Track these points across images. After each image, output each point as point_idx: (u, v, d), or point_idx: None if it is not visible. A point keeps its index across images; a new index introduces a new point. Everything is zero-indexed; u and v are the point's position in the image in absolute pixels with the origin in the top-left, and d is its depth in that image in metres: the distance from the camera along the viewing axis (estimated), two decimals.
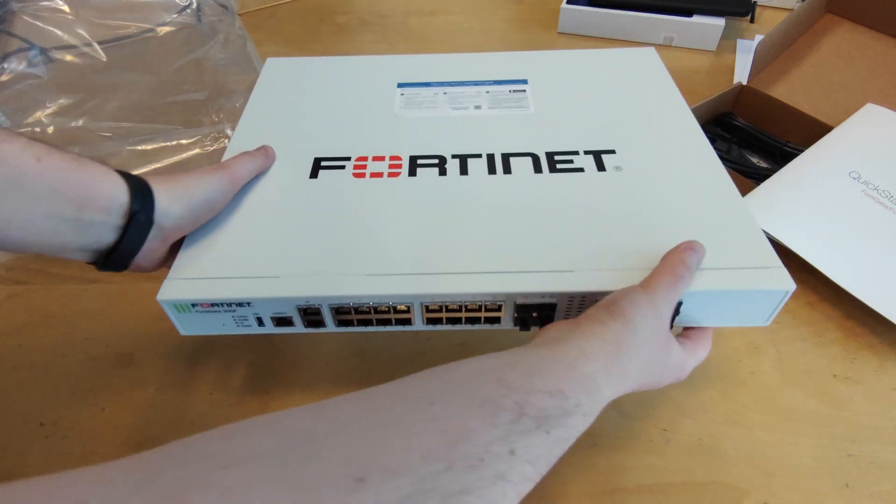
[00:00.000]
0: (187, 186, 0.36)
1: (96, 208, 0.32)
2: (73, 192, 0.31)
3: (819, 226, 0.50)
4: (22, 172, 0.29)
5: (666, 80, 0.52)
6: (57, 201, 0.30)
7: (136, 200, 0.33)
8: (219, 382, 0.46)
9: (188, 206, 0.36)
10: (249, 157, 0.42)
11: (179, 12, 0.67)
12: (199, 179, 0.37)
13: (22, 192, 0.29)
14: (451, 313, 0.36)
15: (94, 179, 0.32)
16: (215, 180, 0.38)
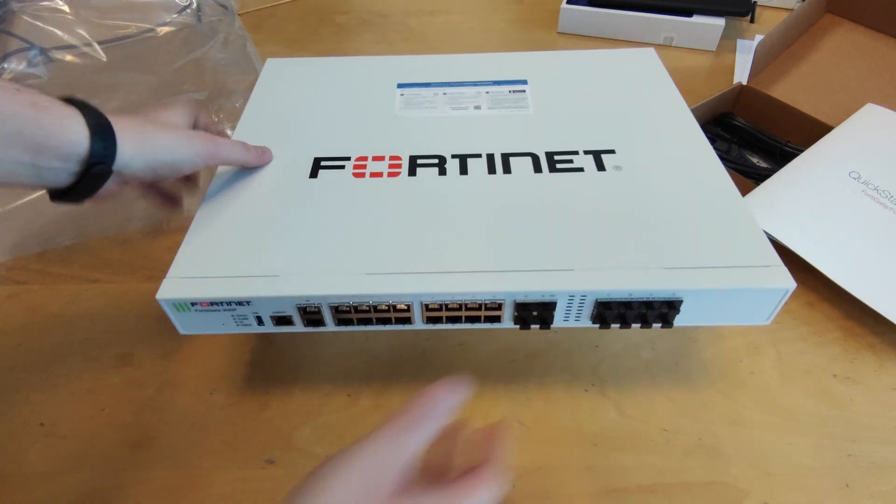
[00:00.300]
0: (156, 142, 0.35)
1: (54, 155, 0.31)
2: (31, 138, 0.30)
3: (819, 226, 0.50)
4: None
5: (665, 81, 0.52)
6: (13, 146, 0.30)
7: (96, 149, 0.32)
8: (219, 382, 0.46)
9: (151, 164, 0.35)
10: (241, 147, 0.42)
11: (179, 12, 0.67)
12: (174, 139, 0.36)
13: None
14: (451, 312, 0.36)
15: (55, 125, 0.31)
16: (190, 148, 0.37)
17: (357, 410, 0.44)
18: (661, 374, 0.45)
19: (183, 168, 0.37)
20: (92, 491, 0.40)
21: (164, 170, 0.36)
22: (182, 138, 0.36)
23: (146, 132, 0.35)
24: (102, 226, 0.57)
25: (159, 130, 0.36)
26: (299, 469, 0.41)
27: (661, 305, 0.35)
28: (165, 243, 0.57)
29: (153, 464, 0.41)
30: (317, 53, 0.86)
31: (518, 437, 0.42)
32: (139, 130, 0.35)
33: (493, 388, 0.45)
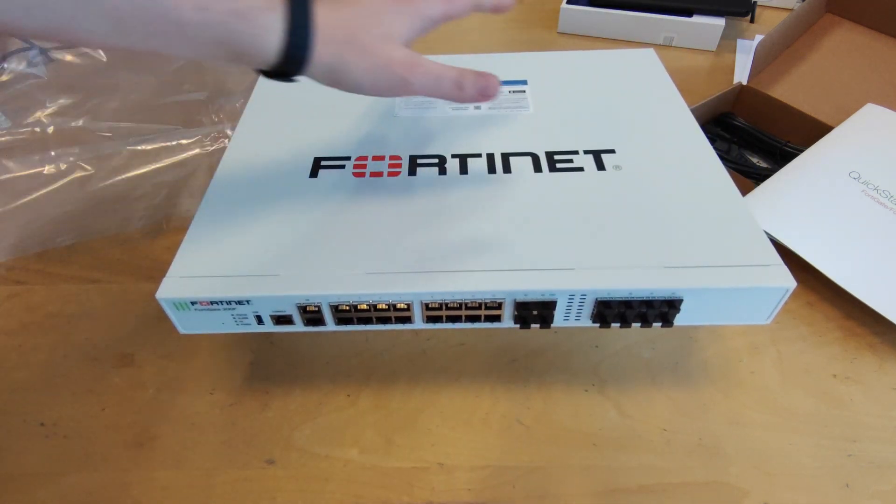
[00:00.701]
0: (346, 73, 0.32)
1: (247, 62, 0.31)
2: (229, 48, 0.29)
3: (819, 226, 0.50)
4: (183, 22, 0.27)
5: (665, 81, 0.52)
6: (212, 50, 0.29)
7: (285, 68, 0.31)
8: (219, 382, 0.46)
9: (334, 86, 0.33)
10: (442, 80, 0.36)
11: None
12: (366, 72, 0.32)
13: (180, 36, 0.28)
14: (451, 311, 0.36)
15: (254, 40, 0.29)
16: (380, 82, 0.33)
17: (357, 410, 0.44)
18: (661, 373, 0.45)
19: (364, 93, 0.34)
20: (92, 491, 0.40)
21: (343, 88, 0.34)
22: (375, 69, 0.33)
23: (343, 54, 0.32)
24: (102, 226, 0.57)
25: (358, 53, 0.32)
26: (299, 469, 0.41)
27: (662, 304, 0.35)
28: (165, 243, 0.57)
29: (153, 464, 0.41)
30: None
31: (518, 437, 0.42)
32: (337, 48, 0.32)
33: (493, 388, 0.45)
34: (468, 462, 0.41)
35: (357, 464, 0.41)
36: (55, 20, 0.25)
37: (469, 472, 0.40)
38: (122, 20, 0.26)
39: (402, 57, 0.33)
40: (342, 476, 0.40)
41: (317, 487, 0.40)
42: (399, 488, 0.40)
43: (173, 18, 0.27)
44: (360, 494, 0.39)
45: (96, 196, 0.57)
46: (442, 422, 0.43)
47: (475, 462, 0.41)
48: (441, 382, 0.45)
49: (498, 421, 0.43)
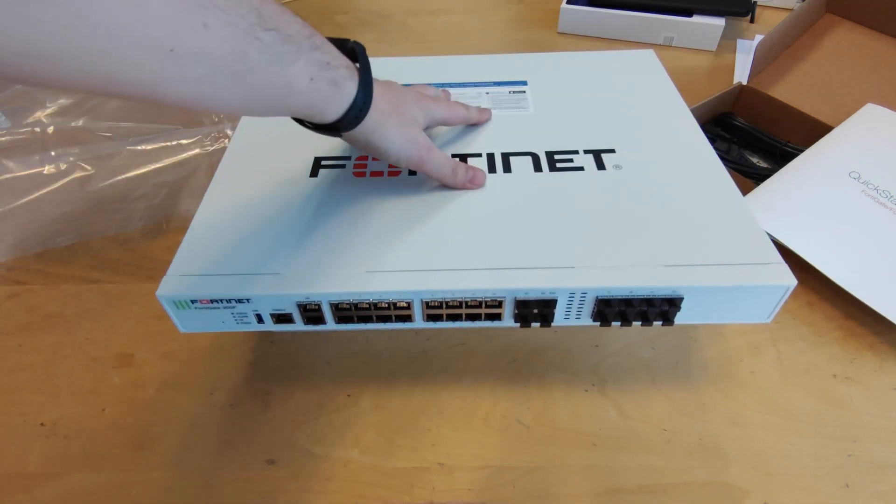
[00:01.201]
0: (384, 137, 0.37)
1: (319, 119, 0.34)
2: (315, 108, 0.33)
3: (819, 226, 0.50)
4: (297, 92, 0.30)
5: (665, 81, 0.52)
6: (301, 110, 0.32)
7: (341, 126, 0.34)
8: (219, 382, 0.46)
9: (367, 146, 0.37)
10: (449, 167, 0.41)
11: None
12: (397, 141, 0.38)
13: (284, 102, 0.31)
14: (452, 310, 0.36)
15: (331, 105, 0.33)
16: (404, 151, 0.38)
17: (358, 410, 0.44)
18: (661, 373, 0.45)
19: (389, 161, 0.39)
20: (92, 491, 0.40)
21: (373, 153, 0.38)
22: (405, 141, 0.38)
23: (385, 124, 0.37)
24: (102, 226, 0.57)
25: (395, 126, 0.38)
26: (300, 469, 0.41)
27: (662, 303, 0.35)
28: (165, 243, 0.57)
29: (154, 464, 0.41)
30: None
31: (518, 437, 0.42)
32: (382, 119, 0.36)
33: (493, 388, 0.45)
34: (469, 462, 0.41)
35: (358, 464, 0.41)
36: (204, 91, 0.27)
37: (469, 472, 0.40)
38: (254, 92, 0.29)
39: (424, 140, 0.39)
40: (343, 476, 0.40)
41: (317, 487, 0.40)
42: (400, 488, 0.40)
43: (293, 89, 0.30)
44: (361, 494, 0.39)
45: (96, 196, 0.57)
46: (442, 422, 0.43)
47: (476, 462, 0.41)
48: (442, 382, 0.45)
49: (498, 421, 0.43)
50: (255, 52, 0.27)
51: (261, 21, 0.27)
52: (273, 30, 0.28)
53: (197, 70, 0.25)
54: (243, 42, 0.26)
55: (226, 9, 0.25)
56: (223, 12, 0.25)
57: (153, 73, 0.24)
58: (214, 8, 0.25)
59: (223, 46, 0.26)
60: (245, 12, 0.26)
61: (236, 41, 0.26)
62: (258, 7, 0.27)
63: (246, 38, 0.27)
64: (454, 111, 0.46)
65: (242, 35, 0.26)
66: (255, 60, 0.27)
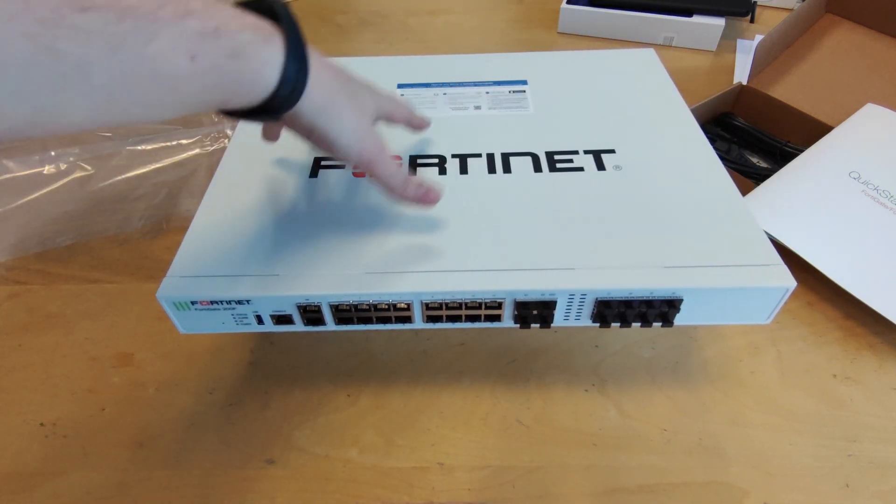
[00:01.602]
0: (334, 118, 0.31)
1: (238, 103, 0.28)
2: (224, 92, 0.27)
3: (819, 226, 0.50)
4: (176, 77, 0.24)
5: (665, 81, 0.52)
6: (204, 98, 0.26)
7: (277, 102, 0.28)
8: (219, 382, 0.46)
9: (314, 130, 0.32)
10: (399, 178, 0.36)
11: None
12: (350, 127, 0.32)
13: (172, 94, 0.25)
14: (451, 311, 0.36)
15: (252, 76, 0.27)
16: (357, 145, 0.33)
17: (357, 410, 0.44)
18: (661, 373, 0.45)
19: (335, 151, 0.33)
20: (92, 491, 0.40)
21: (320, 142, 0.33)
22: (358, 131, 0.33)
23: (334, 101, 0.31)
24: (102, 226, 0.57)
25: (348, 107, 0.32)
26: (299, 469, 0.41)
27: (662, 304, 0.35)
28: (165, 243, 0.57)
29: (153, 464, 0.41)
30: None
31: (518, 437, 0.42)
32: (329, 95, 0.31)
33: (493, 388, 0.45)
34: (468, 462, 0.41)
35: (357, 464, 0.41)
36: (30, 112, 0.21)
37: (469, 472, 0.40)
38: (109, 93, 0.23)
39: (378, 136, 0.34)
40: (342, 476, 0.40)
41: (317, 487, 0.40)
42: (399, 488, 0.40)
43: (165, 75, 0.24)
44: (360, 494, 0.39)
45: (96, 196, 0.57)
46: (442, 422, 0.43)
47: (475, 462, 0.41)
48: (441, 382, 0.45)
49: (498, 421, 0.43)
50: (71, 44, 0.21)
51: (71, 1, 0.21)
52: (95, 8, 0.21)
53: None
54: (44, 37, 0.20)
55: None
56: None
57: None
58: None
59: (10, 52, 0.20)
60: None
61: (28, 39, 0.20)
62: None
63: (47, 31, 0.20)
64: (401, 108, 0.41)
65: (37, 27, 0.20)
66: (78, 55, 0.21)
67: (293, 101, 0.29)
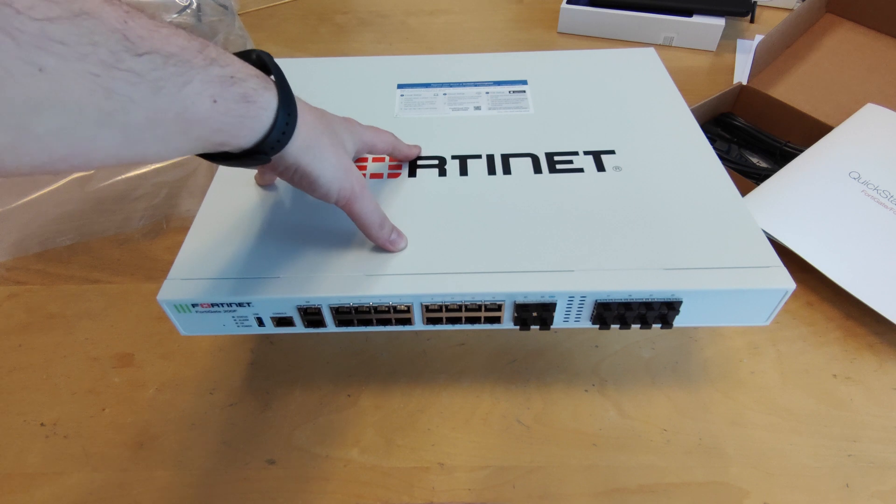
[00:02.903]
0: (316, 162, 0.32)
1: (237, 144, 0.29)
2: (228, 134, 0.28)
3: (819, 226, 0.50)
4: (196, 119, 0.25)
5: (666, 81, 0.52)
6: (211, 138, 0.27)
7: (267, 146, 0.29)
8: (219, 382, 0.46)
9: (296, 173, 0.32)
10: (377, 219, 0.36)
11: (179, 12, 0.67)
12: (330, 168, 0.33)
13: (188, 133, 0.26)
14: (451, 313, 0.36)
15: (248, 123, 0.28)
16: (335, 184, 0.34)
17: (357, 410, 0.44)
18: (661, 373, 0.45)
19: (316, 189, 0.34)
20: (92, 491, 0.40)
21: (303, 180, 0.33)
22: (340, 168, 0.34)
23: (318, 143, 0.32)
24: (102, 226, 0.57)
25: (329, 147, 0.33)
26: (300, 469, 0.41)
27: (661, 306, 0.35)
28: (165, 243, 0.57)
29: (154, 464, 0.41)
30: (317, 53, 0.86)
31: (518, 437, 0.42)
32: (314, 137, 0.32)
33: (493, 388, 0.45)
34: (468, 462, 0.41)
35: (357, 464, 0.41)
36: (64, 148, 0.22)
37: (469, 472, 0.40)
38: (139, 132, 0.24)
39: (358, 174, 0.35)
40: (342, 476, 0.40)
41: (317, 487, 0.40)
42: (399, 488, 0.40)
43: (189, 117, 0.25)
44: (361, 494, 0.39)
45: (96, 196, 0.57)
46: (442, 422, 0.43)
47: (475, 462, 0.41)
48: (441, 382, 0.45)
49: (498, 421, 0.43)
50: (124, 85, 0.22)
51: (128, 46, 0.22)
52: (148, 53, 0.23)
53: (44, 125, 0.20)
54: (103, 78, 0.21)
55: (69, 42, 0.20)
56: (65, 47, 0.20)
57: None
58: (53, 43, 0.20)
59: (73, 90, 0.21)
60: (101, 39, 0.21)
61: (91, 79, 0.21)
62: (122, 29, 0.22)
63: (107, 72, 0.21)
64: (382, 136, 0.42)
65: (100, 69, 0.21)
66: (126, 96, 0.22)
67: (284, 142, 0.30)
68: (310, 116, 0.32)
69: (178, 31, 0.25)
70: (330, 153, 0.33)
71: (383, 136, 0.42)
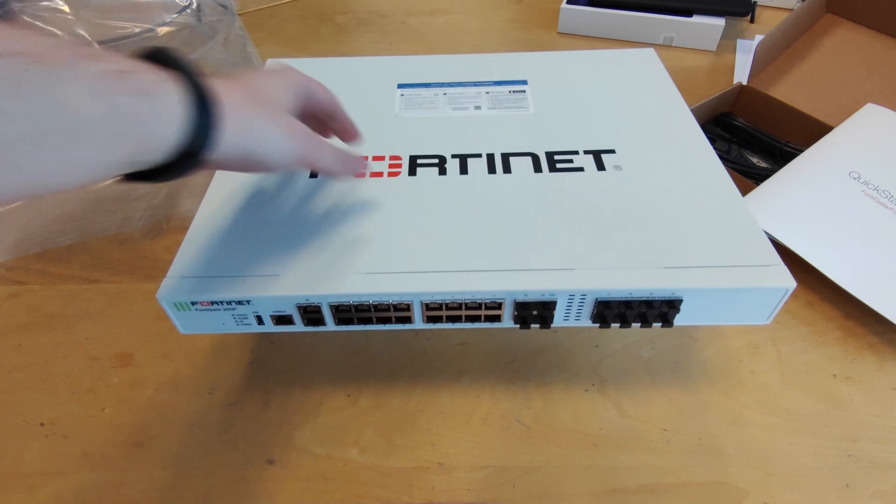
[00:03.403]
0: (258, 135, 0.30)
1: (149, 153, 0.26)
2: (139, 139, 0.25)
3: (819, 226, 0.50)
4: (87, 121, 0.23)
5: (665, 81, 0.52)
6: (118, 148, 0.24)
7: (194, 143, 0.27)
8: (218, 382, 0.46)
9: (243, 157, 0.30)
10: (340, 158, 0.35)
11: (179, 12, 0.67)
12: (276, 134, 0.31)
13: (84, 144, 0.23)
14: (451, 311, 0.36)
15: (158, 118, 0.25)
16: (288, 146, 0.31)
17: (357, 410, 0.44)
18: (661, 373, 0.45)
19: (272, 168, 0.32)
20: (91, 491, 0.40)
21: (253, 166, 0.31)
22: (285, 134, 0.31)
23: (253, 120, 0.30)
24: (102, 226, 0.57)
25: (265, 118, 0.30)
26: (299, 469, 0.41)
27: (661, 305, 0.35)
28: (165, 243, 0.57)
29: (153, 464, 0.41)
30: (317, 53, 0.86)
31: (518, 436, 0.42)
32: (246, 117, 0.29)
33: (493, 388, 0.45)
34: (468, 462, 0.41)
35: (357, 464, 0.41)
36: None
37: (469, 472, 0.40)
38: (19, 147, 0.21)
39: (302, 126, 0.32)
40: (342, 476, 0.40)
41: (317, 487, 0.40)
42: (399, 488, 0.40)
43: (79, 124, 0.22)
44: (360, 494, 0.39)
45: (96, 196, 0.57)
46: (442, 422, 0.43)
47: (475, 462, 0.41)
48: (441, 382, 0.45)
49: (498, 421, 0.43)
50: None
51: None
52: (11, 54, 0.20)
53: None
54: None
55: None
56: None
57: None
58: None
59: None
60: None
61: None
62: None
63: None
64: (321, 88, 0.37)
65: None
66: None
67: (211, 135, 0.27)
68: (236, 96, 0.29)
69: (48, 36, 0.23)
70: (271, 126, 0.30)
71: (321, 87, 0.38)
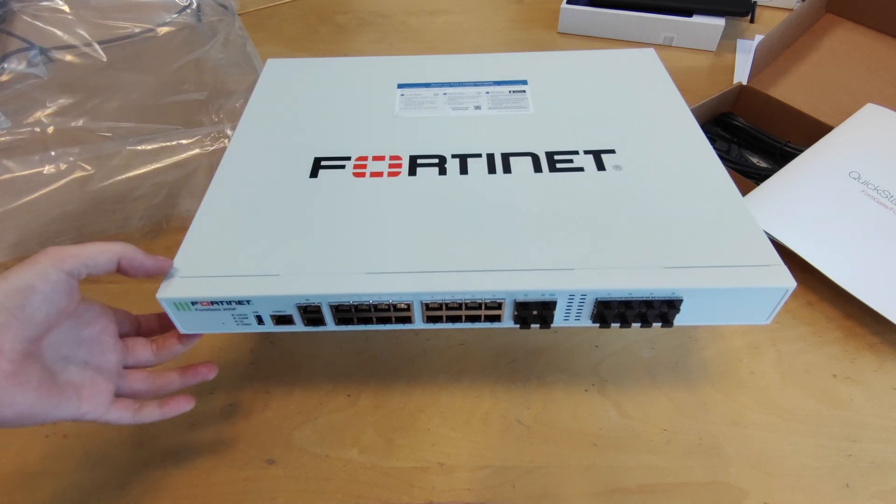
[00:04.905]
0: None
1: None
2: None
3: (819, 226, 0.50)
4: None
5: (665, 81, 0.52)
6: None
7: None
8: (219, 382, 0.46)
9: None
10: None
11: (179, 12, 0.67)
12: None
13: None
14: (451, 312, 0.36)
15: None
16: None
17: (357, 410, 0.44)
18: (661, 373, 0.45)
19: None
20: (91, 491, 0.40)
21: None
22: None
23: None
24: (102, 226, 0.57)
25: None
26: (299, 469, 0.41)
27: (661, 305, 0.35)
28: (165, 243, 0.57)
29: (153, 464, 0.41)
30: (317, 53, 0.86)
31: (518, 436, 0.42)
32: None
33: (493, 388, 0.45)
34: (468, 462, 0.41)
35: (357, 464, 0.41)
36: None
37: (469, 471, 0.40)
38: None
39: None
40: (342, 476, 0.40)
41: (317, 487, 0.40)
42: (399, 488, 0.40)
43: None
44: (361, 494, 0.39)
45: (96, 196, 0.57)
46: (442, 422, 0.43)
47: (475, 462, 0.41)
48: (441, 382, 0.45)
49: (498, 421, 0.43)
50: None
51: None
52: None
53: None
54: None
55: None
56: None
57: None
58: None
59: None
60: None
61: None
62: None
63: None
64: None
65: None
66: None
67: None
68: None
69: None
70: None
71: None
